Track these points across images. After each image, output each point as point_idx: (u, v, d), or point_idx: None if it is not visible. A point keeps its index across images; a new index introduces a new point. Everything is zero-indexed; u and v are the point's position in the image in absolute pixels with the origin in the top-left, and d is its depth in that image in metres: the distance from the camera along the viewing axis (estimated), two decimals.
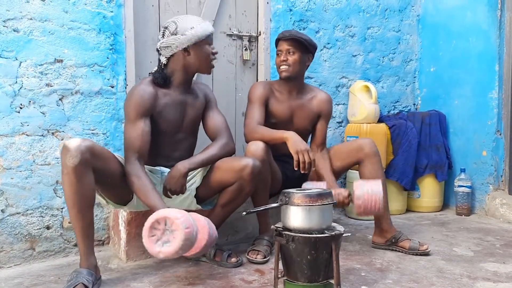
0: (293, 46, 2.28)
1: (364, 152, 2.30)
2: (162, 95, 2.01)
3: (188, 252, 1.66)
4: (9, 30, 2.08)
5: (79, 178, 1.68)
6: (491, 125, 3.09)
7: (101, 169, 1.78)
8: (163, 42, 1.99)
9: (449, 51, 3.39)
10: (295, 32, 2.31)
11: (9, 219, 2.11)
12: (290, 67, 2.30)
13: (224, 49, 2.79)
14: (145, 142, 1.90)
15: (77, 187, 1.68)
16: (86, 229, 1.74)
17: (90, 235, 1.78)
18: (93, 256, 1.78)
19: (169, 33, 1.98)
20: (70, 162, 1.66)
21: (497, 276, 1.93)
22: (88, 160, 1.69)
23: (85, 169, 1.69)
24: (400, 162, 3.08)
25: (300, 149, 2.04)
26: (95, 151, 1.74)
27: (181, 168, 1.94)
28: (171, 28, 1.98)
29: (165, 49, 2.00)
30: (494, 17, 3.06)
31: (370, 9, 3.34)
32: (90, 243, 1.77)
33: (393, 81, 3.52)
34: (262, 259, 2.09)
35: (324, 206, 1.61)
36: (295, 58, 2.29)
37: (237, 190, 2.00)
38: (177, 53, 2.00)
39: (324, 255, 1.59)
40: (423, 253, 2.20)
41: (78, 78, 2.25)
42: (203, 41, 2.00)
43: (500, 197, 3.02)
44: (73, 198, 1.69)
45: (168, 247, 1.56)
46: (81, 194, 1.69)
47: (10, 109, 2.09)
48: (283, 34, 2.31)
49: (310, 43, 2.32)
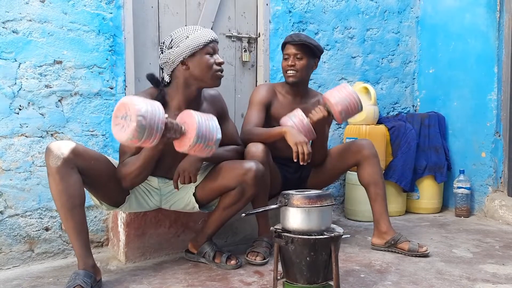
0: (302, 51, 2.27)
1: (363, 154, 2.30)
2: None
3: (180, 147, 1.64)
4: (9, 31, 2.08)
5: (64, 179, 1.67)
6: (490, 126, 3.09)
7: (86, 169, 1.76)
8: (162, 58, 1.89)
9: (448, 52, 3.39)
10: (305, 37, 2.28)
11: (8, 221, 2.11)
12: (297, 73, 2.29)
13: (223, 51, 2.79)
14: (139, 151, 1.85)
15: (62, 188, 1.68)
16: (78, 229, 1.72)
17: (83, 235, 1.75)
18: (90, 257, 1.76)
19: (165, 48, 1.88)
20: (53, 163, 1.67)
21: (497, 277, 1.93)
22: (71, 159, 1.69)
23: (68, 169, 1.68)
24: (399, 164, 3.08)
25: (299, 141, 2.04)
26: (78, 151, 1.73)
27: None
28: (167, 42, 1.88)
29: (165, 66, 1.90)
30: (493, 19, 3.06)
31: (369, 10, 3.35)
32: (84, 244, 1.74)
33: (392, 82, 3.53)
34: (261, 261, 2.09)
35: (323, 207, 1.61)
36: (302, 63, 2.28)
37: (239, 193, 1.97)
38: (177, 68, 1.88)
39: (323, 257, 1.59)
40: (422, 255, 2.20)
41: (77, 79, 2.25)
42: (201, 50, 1.85)
43: (499, 198, 3.02)
44: (60, 199, 1.69)
45: (123, 132, 1.53)
46: (68, 194, 1.69)
47: (9, 110, 2.09)
48: (291, 38, 2.28)
49: (319, 49, 2.32)
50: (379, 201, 2.30)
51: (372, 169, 2.29)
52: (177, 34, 1.87)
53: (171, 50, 1.86)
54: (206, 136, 1.65)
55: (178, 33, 1.88)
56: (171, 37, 1.88)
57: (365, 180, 2.32)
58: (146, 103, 1.55)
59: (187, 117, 1.67)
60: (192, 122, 1.64)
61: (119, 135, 1.56)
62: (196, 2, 2.68)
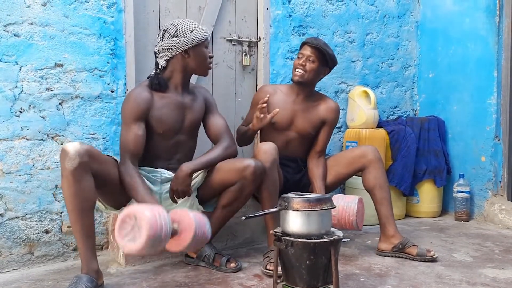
0: (315, 55, 2.29)
1: (368, 159, 2.31)
2: (159, 98, 2.03)
3: (172, 248, 1.62)
4: (10, 34, 2.09)
5: (78, 181, 1.68)
6: (490, 130, 3.09)
7: (99, 173, 1.78)
8: (163, 45, 2.02)
9: (447, 57, 3.40)
10: (323, 44, 2.31)
11: (8, 223, 2.11)
12: (305, 74, 2.31)
13: (224, 54, 2.80)
14: (138, 145, 1.93)
15: (76, 190, 1.68)
16: (86, 233, 1.73)
17: (91, 240, 1.76)
18: (94, 261, 1.76)
19: (169, 36, 2.00)
20: (69, 165, 1.66)
21: (496, 282, 1.93)
22: (86, 163, 1.70)
23: (84, 172, 1.69)
24: (399, 168, 3.09)
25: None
26: (93, 155, 1.74)
27: (186, 169, 1.97)
28: (171, 31, 2.01)
29: (165, 51, 2.02)
30: (493, 23, 3.07)
31: (369, 15, 3.36)
32: (90, 248, 1.75)
33: (392, 86, 3.53)
34: None
35: (323, 211, 1.61)
36: (313, 66, 2.30)
37: (238, 190, 2.01)
38: (177, 55, 2.03)
39: (323, 260, 1.59)
40: (431, 259, 2.18)
41: (78, 82, 2.26)
42: (202, 43, 2.05)
43: (499, 202, 3.02)
44: (73, 201, 1.69)
45: (133, 243, 1.52)
46: (81, 197, 1.69)
47: (10, 113, 2.10)
48: (311, 40, 2.32)
49: (332, 59, 2.34)
50: (385, 204, 2.29)
51: (377, 173, 2.30)
52: (181, 25, 2.01)
53: (176, 38, 2.00)
54: (201, 236, 1.64)
55: (182, 24, 2.02)
56: (176, 27, 2.01)
57: (370, 184, 2.32)
58: (154, 213, 1.53)
59: (183, 217, 1.63)
60: (190, 223, 1.61)
61: (129, 247, 1.53)
62: (197, 6, 2.69)
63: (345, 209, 2.16)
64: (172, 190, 1.99)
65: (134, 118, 1.95)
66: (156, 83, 2.02)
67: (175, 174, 1.99)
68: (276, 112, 2.16)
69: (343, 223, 2.17)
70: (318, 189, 2.29)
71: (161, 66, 2.05)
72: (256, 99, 2.36)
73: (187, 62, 2.05)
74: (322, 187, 2.31)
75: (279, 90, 2.42)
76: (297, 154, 2.44)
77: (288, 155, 2.39)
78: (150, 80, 2.05)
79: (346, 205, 2.17)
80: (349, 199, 2.21)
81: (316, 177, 2.34)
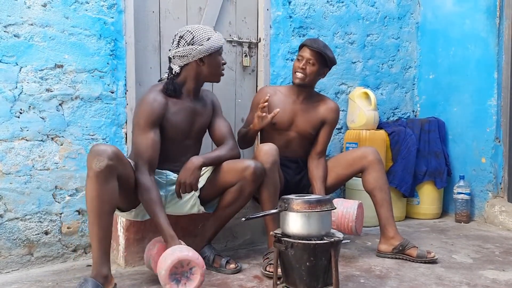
0: (315, 58, 2.30)
1: (368, 160, 2.31)
2: (173, 104, 2.03)
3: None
4: (10, 35, 2.09)
5: (103, 183, 1.67)
6: (490, 132, 3.09)
7: (122, 175, 1.78)
8: (179, 52, 2.00)
9: (448, 58, 3.40)
10: (323, 46, 2.31)
11: (7, 224, 2.10)
12: (306, 77, 2.31)
13: (224, 56, 2.79)
14: (155, 152, 1.92)
15: (98, 193, 1.67)
16: (102, 235, 1.70)
17: (106, 243, 1.72)
18: (105, 267, 1.71)
19: (185, 43, 1.99)
20: (96, 166, 1.66)
21: (497, 283, 1.93)
22: (113, 165, 1.69)
23: (109, 174, 1.69)
24: (399, 169, 3.08)
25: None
26: (120, 157, 1.75)
27: (196, 161, 1.98)
28: (187, 38, 1.99)
29: (180, 58, 2.02)
30: (493, 25, 3.07)
31: (369, 16, 3.36)
32: (104, 251, 1.71)
33: (392, 88, 3.53)
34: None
35: (323, 212, 1.61)
36: (313, 69, 2.31)
37: (239, 190, 2.02)
38: (192, 62, 2.02)
39: (323, 262, 1.59)
40: (431, 261, 2.18)
41: (78, 83, 2.25)
42: (217, 51, 2.05)
43: (499, 204, 3.02)
44: (93, 202, 1.68)
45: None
46: (102, 200, 1.68)
47: (10, 114, 2.10)
48: (310, 43, 2.31)
49: (332, 61, 2.35)
50: (385, 206, 2.29)
51: (378, 174, 2.30)
52: (198, 33, 2.00)
53: (193, 46, 1.99)
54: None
55: (199, 32, 2.00)
56: (192, 34, 1.99)
57: (371, 186, 2.31)
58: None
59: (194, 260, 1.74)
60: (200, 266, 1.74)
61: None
62: (197, 7, 2.69)
63: (344, 214, 2.16)
64: (179, 183, 1.97)
65: (150, 123, 1.93)
66: (171, 89, 2.01)
67: (184, 166, 1.98)
68: (277, 111, 2.16)
69: (342, 229, 2.17)
70: (317, 191, 2.29)
71: (175, 72, 2.04)
72: (256, 100, 2.37)
73: (201, 69, 2.04)
74: (322, 188, 2.31)
75: (279, 91, 2.42)
76: (297, 154, 2.44)
77: (288, 156, 2.39)
78: (164, 85, 2.03)
79: (345, 211, 2.17)
80: (348, 204, 2.20)
81: (316, 179, 2.34)
